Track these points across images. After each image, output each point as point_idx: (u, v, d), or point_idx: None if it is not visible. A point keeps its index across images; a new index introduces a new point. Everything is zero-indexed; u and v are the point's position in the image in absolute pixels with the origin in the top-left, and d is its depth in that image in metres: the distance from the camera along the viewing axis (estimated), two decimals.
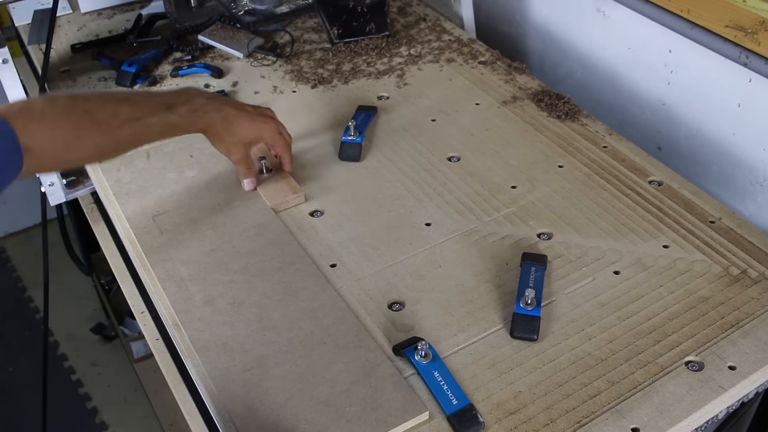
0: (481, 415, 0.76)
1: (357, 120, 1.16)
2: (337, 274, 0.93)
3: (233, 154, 1.01)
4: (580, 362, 0.82)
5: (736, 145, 1.19)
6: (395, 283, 0.92)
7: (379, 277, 0.93)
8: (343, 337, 0.85)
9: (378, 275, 0.93)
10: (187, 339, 0.85)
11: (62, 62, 1.40)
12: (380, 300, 0.90)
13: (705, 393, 0.78)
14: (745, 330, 0.85)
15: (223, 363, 0.82)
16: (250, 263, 0.94)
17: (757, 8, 1.04)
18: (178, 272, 0.94)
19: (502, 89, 1.28)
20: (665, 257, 0.95)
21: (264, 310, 0.88)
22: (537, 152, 1.13)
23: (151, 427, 1.86)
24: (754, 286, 0.90)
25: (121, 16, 1.55)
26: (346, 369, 0.81)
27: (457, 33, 1.45)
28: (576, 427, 0.75)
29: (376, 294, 0.90)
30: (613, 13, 1.34)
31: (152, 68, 1.37)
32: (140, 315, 1.01)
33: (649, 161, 1.11)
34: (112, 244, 1.14)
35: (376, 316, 0.88)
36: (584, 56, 1.45)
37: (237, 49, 1.40)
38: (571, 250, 0.96)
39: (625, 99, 1.39)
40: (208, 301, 0.90)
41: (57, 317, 2.11)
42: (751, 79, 1.12)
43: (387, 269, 0.94)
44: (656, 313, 0.87)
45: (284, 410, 0.77)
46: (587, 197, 1.05)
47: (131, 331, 1.93)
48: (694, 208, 1.02)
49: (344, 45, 1.41)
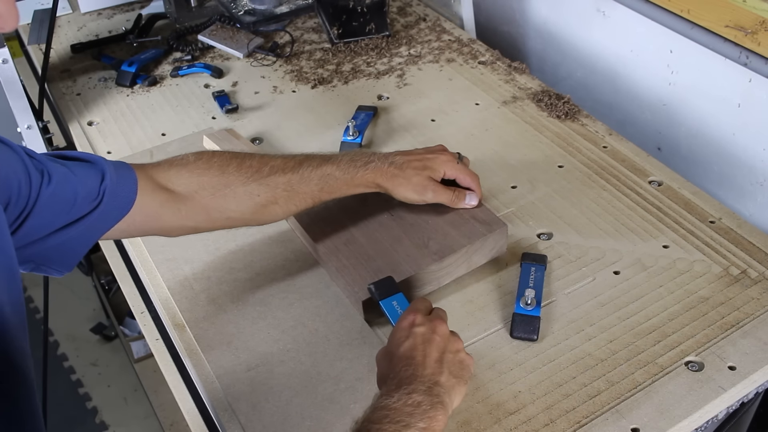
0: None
1: (357, 120, 1.16)
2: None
3: (423, 195, 0.91)
4: (580, 362, 0.82)
5: (736, 145, 1.19)
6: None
7: None
8: (347, 335, 0.85)
9: None
10: (192, 338, 0.86)
11: (62, 62, 1.40)
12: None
13: (705, 393, 0.78)
14: (745, 330, 0.85)
15: (228, 361, 0.83)
16: (254, 261, 0.94)
17: (757, 8, 1.04)
18: (182, 271, 0.94)
19: (502, 89, 1.28)
20: (665, 257, 0.95)
21: (268, 309, 0.89)
22: (537, 152, 1.13)
23: (151, 427, 1.86)
24: (754, 286, 0.90)
25: (121, 16, 1.55)
26: (351, 366, 0.81)
27: (457, 33, 1.45)
28: (576, 427, 0.75)
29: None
30: (613, 13, 1.34)
31: (152, 68, 1.37)
32: (140, 315, 1.01)
33: (649, 161, 1.11)
34: (112, 244, 1.13)
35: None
36: (584, 56, 1.45)
37: (237, 49, 1.40)
38: (571, 250, 0.96)
39: (625, 99, 1.39)
40: (213, 300, 0.90)
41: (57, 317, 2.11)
42: (751, 79, 1.12)
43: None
44: (656, 313, 0.87)
45: (289, 408, 0.77)
46: (587, 197, 1.05)
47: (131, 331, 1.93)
48: (694, 208, 1.02)
49: (344, 45, 1.41)
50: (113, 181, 0.77)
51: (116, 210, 0.77)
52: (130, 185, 0.79)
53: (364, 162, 0.89)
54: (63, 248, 0.76)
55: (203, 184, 0.83)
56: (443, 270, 0.90)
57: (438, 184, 0.92)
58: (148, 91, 1.31)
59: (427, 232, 0.91)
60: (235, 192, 0.84)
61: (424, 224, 0.93)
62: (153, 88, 1.32)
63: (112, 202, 0.76)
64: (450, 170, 0.93)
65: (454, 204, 0.93)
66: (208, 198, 0.83)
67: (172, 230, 0.85)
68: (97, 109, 1.27)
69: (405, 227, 0.92)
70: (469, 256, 0.91)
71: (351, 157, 0.90)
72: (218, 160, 0.85)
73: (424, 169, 0.91)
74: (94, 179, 0.76)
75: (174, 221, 0.83)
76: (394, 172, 0.90)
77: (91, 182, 0.76)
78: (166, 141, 1.18)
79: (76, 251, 0.77)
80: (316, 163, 0.88)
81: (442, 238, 0.90)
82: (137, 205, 0.79)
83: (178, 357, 0.92)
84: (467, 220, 0.93)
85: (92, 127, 1.23)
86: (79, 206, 0.74)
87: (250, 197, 0.84)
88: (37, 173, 0.71)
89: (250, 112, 1.25)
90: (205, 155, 0.86)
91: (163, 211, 0.81)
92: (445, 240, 0.90)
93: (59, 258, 0.77)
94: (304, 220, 0.95)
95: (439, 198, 0.92)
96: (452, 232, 0.91)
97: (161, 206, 0.81)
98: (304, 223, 0.95)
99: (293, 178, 0.86)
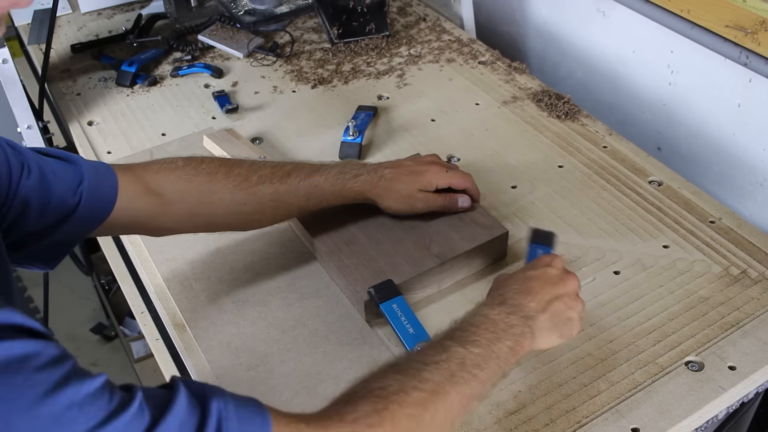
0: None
1: (357, 120, 1.16)
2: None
3: (414, 207, 0.91)
4: (580, 362, 0.82)
5: (736, 145, 1.19)
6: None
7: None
8: (347, 334, 0.85)
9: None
10: (192, 338, 0.86)
11: (62, 62, 1.40)
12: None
13: (705, 393, 0.78)
14: (745, 330, 0.85)
15: (228, 361, 0.83)
16: (254, 261, 0.95)
17: (757, 8, 1.04)
18: (182, 271, 0.94)
19: (502, 89, 1.28)
20: (665, 257, 0.95)
21: (268, 308, 0.89)
22: (537, 152, 1.14)
23: None
24: (754, 286, 0.90)
25: (121, 16, 1.55)
26: (351, 366, 0.81)
27: (457, 33, 1.45)
28: (576, 427, 0.75)
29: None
30: (613, 13, 1.34)
31: (152, 68, 1.37)
32: (140, 315, 1.01)
33: (649, 161, 1.11)
34: (112, 244, 1.13)
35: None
36: (584, 56, 1.45)
37: (237, 49, 1.40)
38: (571, 250, 0.96)
39: (625, 99, 1.39)
40: (213, 300, 0.90)
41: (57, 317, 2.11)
42: (751, 79, 1.12)
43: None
44: (656, 313, 0.87)
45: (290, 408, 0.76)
46: (587, 197, 1.05)
47: (131, 331, 1.93)
48: (694, 208, 1.02)
49: (344, 45, 1.41)
50: (92, 183, 0.77)
51: (95, 212, 0.78)
52: (110, 188, 0.79)
53: (353, 174, 0.89)
54: (44, 248, 0.76)
55: (191, 190, 0.83)
56: (444, 272, 0.90)
57: (428, 194, 0.91)
58: (148, 91, 1.31)
59: (428, 235, 0.91)
60: (222, 200, 0.84)
61: (425, 226, 0.93)
62: (153, 88, 1.32)
63: (90, 204, 0.76)
64: (441, 181, 0.92)
65: (447, 209, 0.93)
66: (195, 204, 0.83)
67: (156, 231, 0.87)
68: (97, 109, 1.27)
69: (406, 229, 0.92)
70: (469, 260, 0.91)
71: (340, 169, 0.89)
72: (207, 167, 0.85)
73: (414, 183, 0.91)
74: (72, 179, 0.76)
75: (158, 223, 0.84)
76: (383, 185, 0.89)
77: (69, 181, 0.76)
78: (166, 141, 1.18)
79: (58, 250, 0.78)
80: (304, 173, 0.87)
81: (443, 241, 0.90)
82: (122, 206, 0.79)
83: (178, 357, 0.92)
84: (468, 223, 0.93)
85: (92, 127, 1.23)
86: (55, 206, 0.74)
87: (236, 206, 0.85)
88: (17, 165, 0.71)
89: (250, 112, 1.25)
90: (194, 161, 0.85)
91: (148, 213, 0.82)
92: (447, 243, 0.90)
93: (41, 256, 0.78)
94: (305, 220, 0.95)
95: (431, 206, 0.92)
96: (453, 235, 0.91)
97: (146, 208, 0.81)
98: (305, 223, 0.95)
99: (281, 189, 0.86)
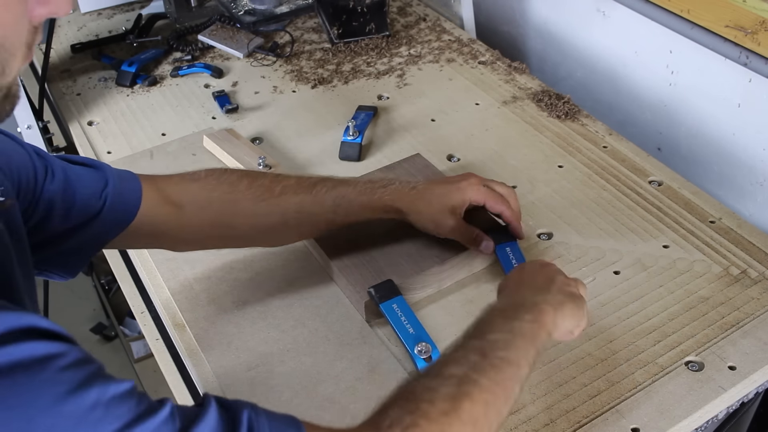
0: None
1: (357, 120, 1.16)
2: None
3: (441, 226, 0.85)
4: (580, 362, 0.82)
5: (736, 145, 1.19)
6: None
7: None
8: (347, 334, 0.85)
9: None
10: (192, 338, 0.86)
11: (62, 62, 1.40)
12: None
13: (705, 393, 0.78)
14: (745, 330, 0.85)
15: (228, 361, 0.83)
16: (254, 261, 0.95)
17: (757, 8, 1.04)
18: (182, 271, 0.94)
19: (502, 89, 1.28)
20: (665, 257, 0.95)
21: (268, 309, 0.89)
22: (537, 152, 1.13)
23: None
24: (754, 286, 0.90)
25: (121, 16, 1.55)
26: (351, 366, 0.81)
27: (457, 33, 1.45)
28: (576, 427, 0.75)
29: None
30: (613, 13, 1.34)
31: (152, 68, 1.37)
32: (140, 315, 1.01)
33: (649, 161, 1.11)
34: None
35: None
36: (584, 56, 1.45)
37: (237, 49, 1.40)
38: (571, 250, 0.96)
39: (625, 99, 1.39)
40: (213, 300, 0.90)
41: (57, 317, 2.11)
42: (751, 79, 1.12)
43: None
44: (656, 313, 0.87)
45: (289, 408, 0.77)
46: (587, 197, 1.05)
47: (131, 331, 1.93)
48: (694, 208, 1.02)
49: (344, 45, 1.41)
50: (116, 188, 0.76)
51: (119, 218, 0.76)
52: (134, 194, 0.77)
53: (383, 184, 0.85)
54: (65, 253, 0.75)
55: (211, 200, 0.81)
56: (444, 273, 0.90)
57: (459, 221, 0.85)
58: (148, 91, 1.31)
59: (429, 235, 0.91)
60: (244, 211, 0.81)
61: None
62: (153, 88, 1.32)
63: (114, 209, 0.75)
64: (476, 194, 0.85)
65: (469, 246, 0.87)
66: (216, 215, 0.81)
67: (176, 244, 0.84)
68: (97, 109, 1.27)
69: (407, 229, 0.92)
70: (470, 260, 0.91)
71: (369, 179, 0.86)
72: (228, 177, 0.82)
73: (447, 195, 0.84)
74: (96, 183, 0.75)
75: (178, 235, 0.82)
76: (414, 195, 0.84)
77: (94, 186, 0.75)
78: (166, 141, 1.18)
79: (79, 257, 0.77)
80: (331, 184, 0.84)
81: (443, 241, 0.90)
82: (143, 217, 0.77)
83: (178, 357, 0.92)
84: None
85: (92, 127, 1.23)
86: (79, 209, 0.73)
87: (259, 217, 0.82)
88: (42, 169, 0.71)
89: (250, 112, 1.25)
90: (216, 171, 0.83)
91: (168, 224, 0.80)
92: (447, 243, 0.90)
93: (62, 262, 0.76)
94: None
95: (456, 236, 0.86)
96: None
97: (166, 219, 0.79)
98: None
99: (306, 199, 0.82)
